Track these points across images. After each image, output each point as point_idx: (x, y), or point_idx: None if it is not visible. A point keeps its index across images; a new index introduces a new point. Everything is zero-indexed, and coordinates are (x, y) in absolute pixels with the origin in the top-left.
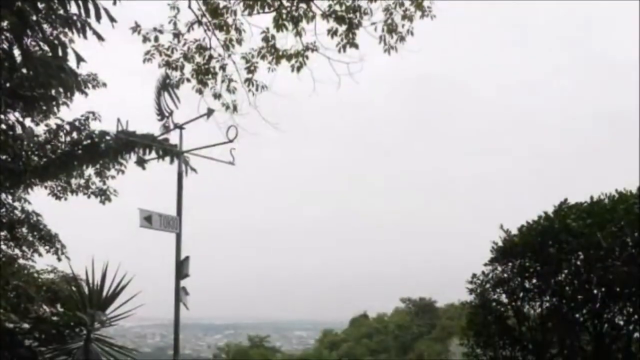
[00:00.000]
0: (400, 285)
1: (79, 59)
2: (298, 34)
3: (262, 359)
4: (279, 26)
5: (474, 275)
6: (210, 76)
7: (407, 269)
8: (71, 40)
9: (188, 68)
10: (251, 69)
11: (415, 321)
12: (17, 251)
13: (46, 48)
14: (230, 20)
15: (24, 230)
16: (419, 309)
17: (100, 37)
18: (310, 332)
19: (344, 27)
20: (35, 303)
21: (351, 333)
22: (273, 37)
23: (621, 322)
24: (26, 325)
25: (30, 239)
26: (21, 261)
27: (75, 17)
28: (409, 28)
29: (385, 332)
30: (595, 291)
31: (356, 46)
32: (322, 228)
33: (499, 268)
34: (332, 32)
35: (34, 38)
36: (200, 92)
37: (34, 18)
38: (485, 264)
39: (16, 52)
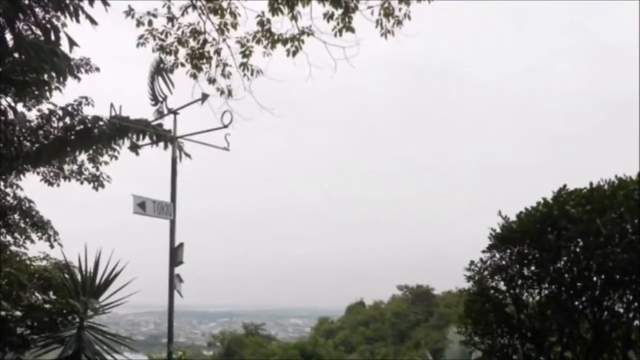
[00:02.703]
0: (398, 272)
1: (72, 43)
2: (294, 17)
3: (257, 347)
4: (274, 10)
5: (472, 263)
6: (204, 61)
7: (405, 256)
8: (64, 25)
9: (182, 52)
10: (246, 54)
11: (412, 309)
12: (9, 238)
13: (38, 32)
14: (224, 4)
15: (16, 216)
16: (416, 296)
17: (93, 21)
18: (306, 320)
19: (340, 11)
20: (27, 290)
21: (347, 321)
22: (268, 21)
23: (621, 310)
24: (18, 313)
25: (23, 225)
26: (13, 248)
27: (68, 1)
28: (406, 12)
29: (382, 319)
30: (594, 279)
31: (352, 30)
32: (319, 215)
33: (497, 255)
34: (328, 16)
35: (26, 22)
36: (194, 76)
37: (26, 2)
38: (484, 251)
39: (8, 36)
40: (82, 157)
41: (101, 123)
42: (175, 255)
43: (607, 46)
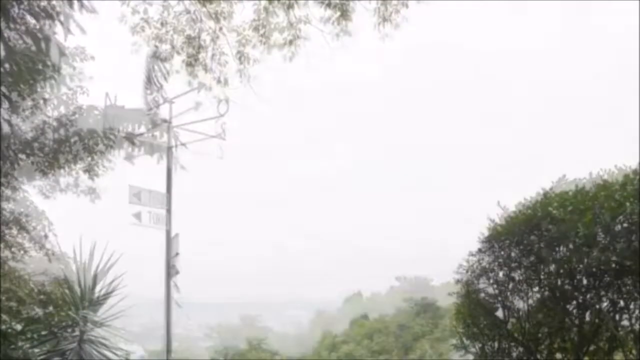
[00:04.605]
0: (396, 263)
1: (67, 31)
2: (290, 6)
3: (254, 339)
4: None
5: (460, 266)
6: (200, 49)
7: (403, 248)
8: (59, 13)
9: (178, 41)
10: (242, 42)
11: (416, 321)
12: (7, 253)
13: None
14: None
15: (14, 231)
16: (421, 308)
17: (83, 30)
18: (303, 311)
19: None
20: (26, 306)
21: (351, 334)
22: (265, 9)
23: (608, 310)
24: (19, 327)
25: (20, 240)
26: (11, 263)
27: (58, 9)
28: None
29: (386, 332)
30: (582, 279)
31: (350, 19)
32: (315, 205)
33: (486, 258)
34: (326, 5)
35: (16, 31)
36: (190, 65)
37: (17, 10)
38: (472, 255)
39: None
40: (79, 166)
41: (96, 112)
42: (171, 246)
43: (606, 32)
